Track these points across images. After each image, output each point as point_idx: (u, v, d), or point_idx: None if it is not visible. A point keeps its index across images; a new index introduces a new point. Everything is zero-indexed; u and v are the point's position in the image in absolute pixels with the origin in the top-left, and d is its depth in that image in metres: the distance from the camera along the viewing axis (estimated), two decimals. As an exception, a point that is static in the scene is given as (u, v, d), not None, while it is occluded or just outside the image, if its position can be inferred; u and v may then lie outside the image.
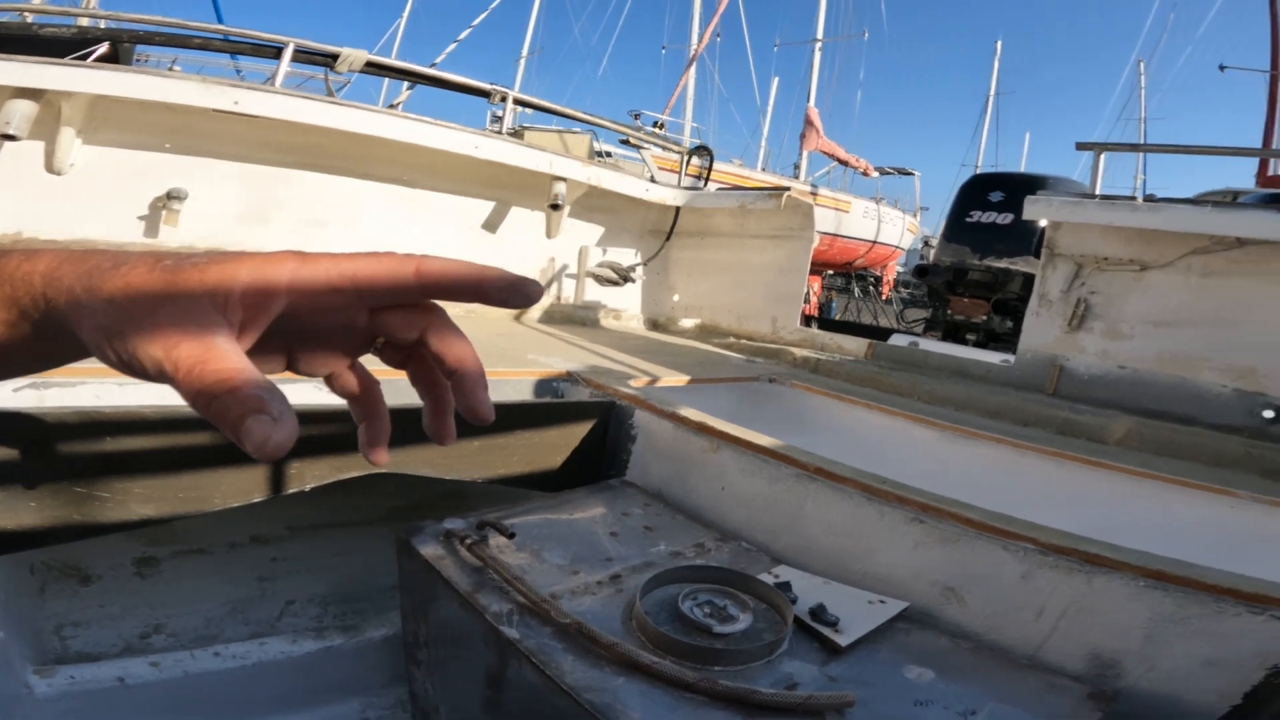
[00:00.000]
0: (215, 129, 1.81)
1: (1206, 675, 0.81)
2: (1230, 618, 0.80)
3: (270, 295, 0.22)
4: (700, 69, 18.70)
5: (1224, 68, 14.82)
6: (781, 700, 0.65)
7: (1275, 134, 11.23)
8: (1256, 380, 1.66)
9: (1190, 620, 0.81)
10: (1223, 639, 0.80)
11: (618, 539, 1.02)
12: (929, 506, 0.94)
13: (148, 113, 1.72)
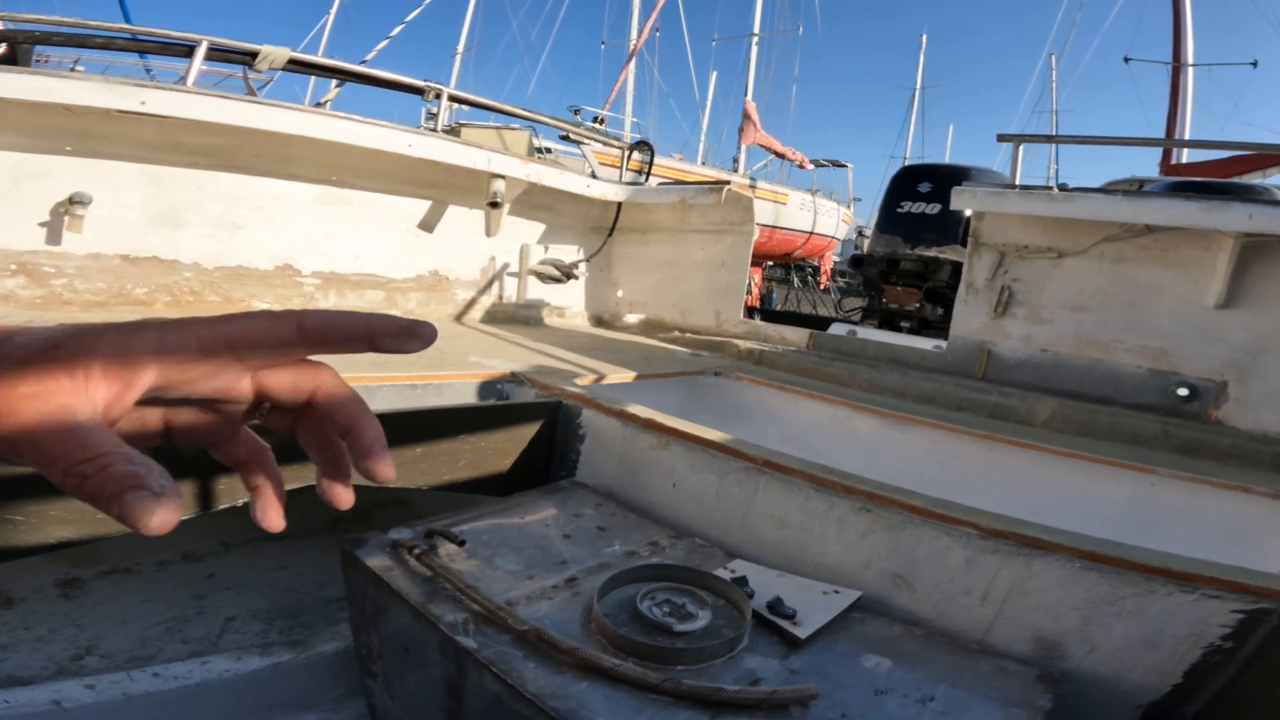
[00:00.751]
0: (121, 131, 1.67)
1: (1146, 655, 0.85)
2: (1162, 597, 0.84)
3: (133, 369, 0.21)
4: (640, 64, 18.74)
5: (1129, 59, 15.86)
6: (746, 697, 0.65)
7: (1178, 123, 12.11)
8: (1169, 360, 1.78)
9: (1124, 600, 0.85)
10: (1157, 619, 0.83)
11: (571, 541, 1.00)
12: (875, 495, 0.97)
13: (45, 115, 1.57)
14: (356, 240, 2.06)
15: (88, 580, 1.14)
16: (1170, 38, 12.87)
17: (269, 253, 1.90)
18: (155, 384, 0.22)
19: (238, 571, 1.27)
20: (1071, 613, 0.87)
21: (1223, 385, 1.65)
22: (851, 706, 0.69)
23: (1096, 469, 1.46)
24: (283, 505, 0.27)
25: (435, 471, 1.17)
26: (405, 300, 2.17)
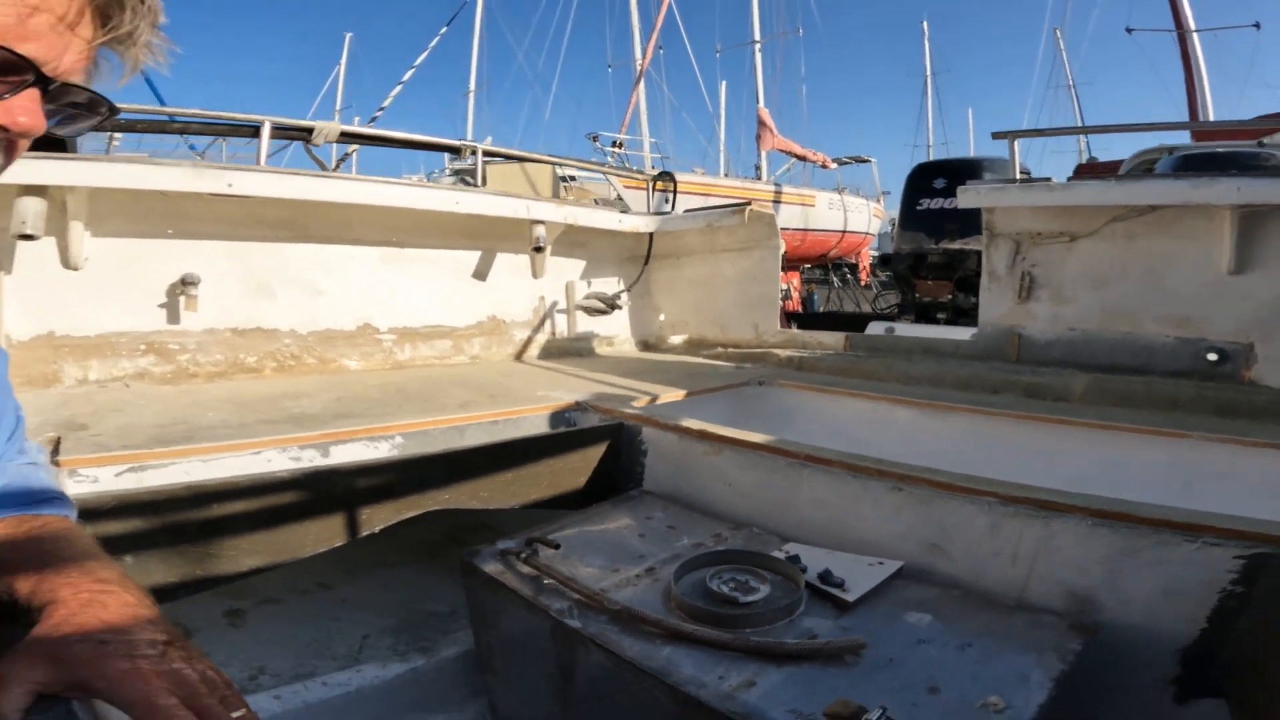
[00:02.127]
0: (211, 212, 1.92)
1: (1171, 604, 0.94)
2: (1173, 548, 0.93)
3: None
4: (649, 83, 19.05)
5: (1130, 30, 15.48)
6: (804, 648, 0.80)
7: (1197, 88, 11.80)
8: (1195, 327, 1.84)
9: (1140, 553, 0.96)
10: (1173, 569, 0.93)
11: (645, 539, 1.17)
12: (904, 475, 1.10)
13: (146, 201, 1.83)
14: (421, 294, 2.29)
15: (247, 610, 1.36)
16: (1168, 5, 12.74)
17: (349, 314, 2.15)
18: None
19: (363, 595, 1.48)
20: (1095, 567, 0.98)
21: (1249, 346, 1.71)
22: (896, 654, 0.83)
23: (1134, 438, 1.54)
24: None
25: (523, 492, 1.36)
26: (470, 346, 2.39)
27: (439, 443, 1.38)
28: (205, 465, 1.08)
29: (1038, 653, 0.85)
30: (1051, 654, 0.83)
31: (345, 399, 1.61)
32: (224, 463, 1.11)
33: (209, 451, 1.11)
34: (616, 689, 0.85)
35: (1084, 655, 0.86)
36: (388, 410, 1.48)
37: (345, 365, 2.10)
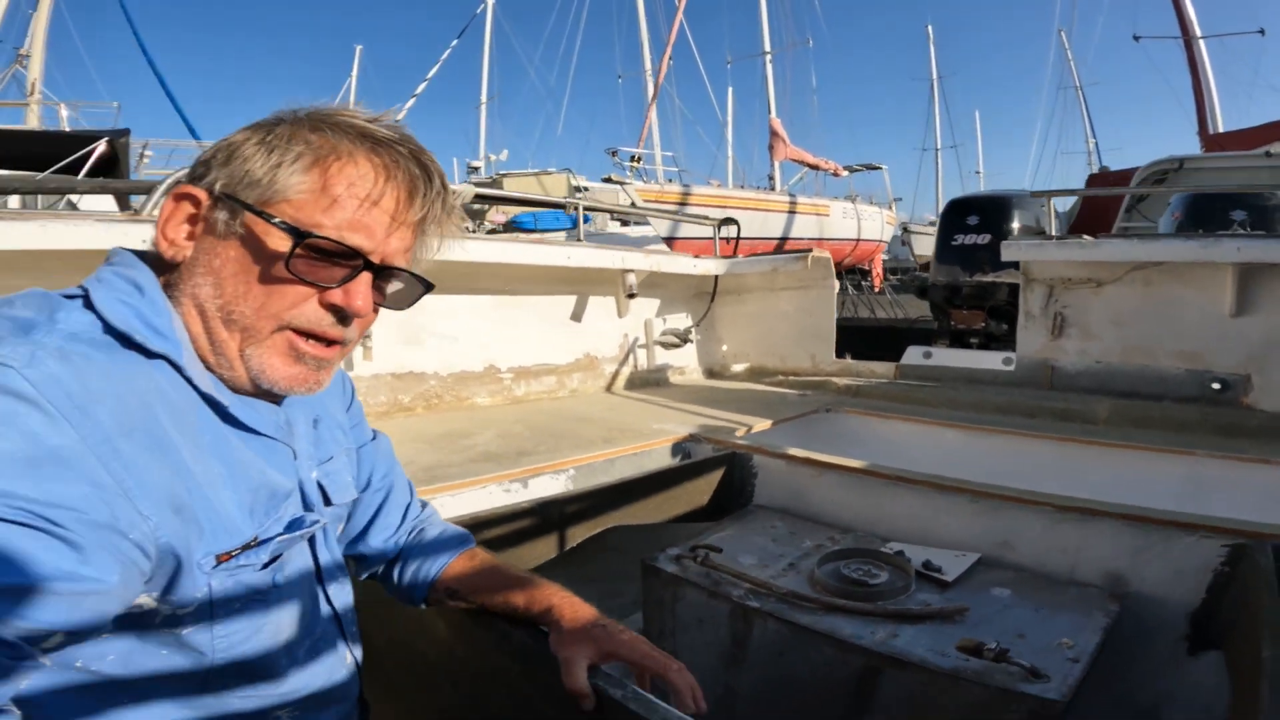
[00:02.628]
0: None
1: (1179, 580, 1.29)
2: (1179, 540, 1.29)
3: None
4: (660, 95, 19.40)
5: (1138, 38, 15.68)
6: (927, 611, 1.16)
7: (1205, 95, 12.00)
8: (1202, 361, 2.19)
9: (1155, 544, 1.31)
10: (1179, 555, 1.28)
11: (777, 543, 1.53)
12: (978, 491, 1.46)
13: None
14: (531, 336, 2.68)
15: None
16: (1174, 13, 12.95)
17: (477, 356, 2.54)
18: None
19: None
20: (1123, 554, 1.33)
21: (1247, 377, 2.06)
22: (989, 615, 1.18)
23: (1150, 455, 1.88)
24: None
25: (666, 510, 1.73)
26: (570, 380, 2.77)
27: (600, 473, 1.76)
28: (454, 500, 1.46)
29: (1088, 614, 1.20)
30: (1098, 614, 1.18)
31: (505, 436, 1.99)
32: (465, 497, 1.49)
33: (454, 489, 1.49)
34: (789, 649, 1.21)
35: (1120, 616, 1.21)
36: (553, 447, 1.85)
37: (476, 402, 2.49)
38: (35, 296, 0.52)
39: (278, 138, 0.57)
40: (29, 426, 0.42)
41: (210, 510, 0.53)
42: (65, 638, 0.44)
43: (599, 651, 0.72)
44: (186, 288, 0.57)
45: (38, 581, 0.41)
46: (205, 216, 0.57)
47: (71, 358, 0.46)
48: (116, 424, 0.46)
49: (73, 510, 0.42)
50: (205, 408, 0.56)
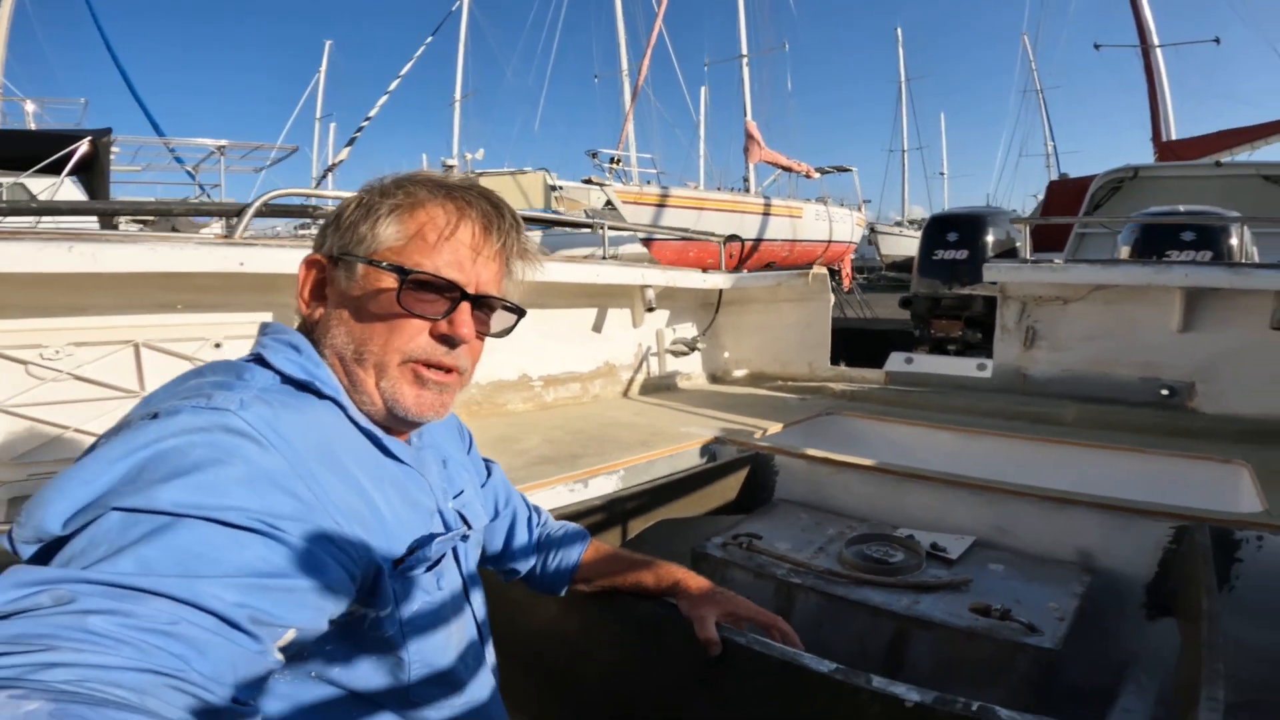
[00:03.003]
0: None
1: (1138, 555, 1.58)
2: (1137, 522, 1.58)
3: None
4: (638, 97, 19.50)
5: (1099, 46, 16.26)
6: (936, 582, 1.43)
7: (1160, 103, 12.57)
8: (1154, 370, 2.52)
9: (1116, 528, 1.60)
10: (1136, 535, 1.57)
11: (804, 531, 1.79)
12: (973, 485, 1.74)
13: None
14: (558, 346, 2.90)
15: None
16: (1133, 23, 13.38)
17: (512, 366, 2.75)
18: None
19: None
20: (1094, 535, 1.61)
21: (1192, 384, 2.39)
22: (989, 586, 1.46)
23: (1111, 453, 2.19)
24: None
25: (702, 505, 1.97)
26: (592, 387, 3.00)
27: (642, 473, 2.00)
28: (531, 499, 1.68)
29: (1067, 584, 1.48)
30: (1075, 584, 1.47)
31: (552, 441, 2.21)
32: (538, 497, 1.72)
33: (529, 490, 1.71)
34: (827, 618, 1.47)
35: (1092, 586, 1.49)
36: (599, 450, 2.08)
37: (510, 408, 2.71)
38: (222, 365, 0.63)
39: (371, 200, 0.68)
40: (249, 455, 0.50)
41: (383, 523, 0.61)
42: (296, 636, 0.49)
43: (722, 611, 0.96)
44: (326, 341, 0.67)
45: (269, 577, 0.47)
46: (329, 277, 0.68)
47: (269, 403, 0.56)
48: (312, 452, 0.56)
49: (291, 519, 0.50)
50: (364, 440, 0.66)
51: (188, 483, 0.46)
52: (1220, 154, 8.42)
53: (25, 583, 0.39)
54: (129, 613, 0.39)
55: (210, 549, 0.44)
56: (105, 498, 0.45)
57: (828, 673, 0.85)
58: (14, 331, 1.54)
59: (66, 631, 0.37)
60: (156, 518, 0.44)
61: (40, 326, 1.57)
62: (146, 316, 1.71)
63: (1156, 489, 1.87)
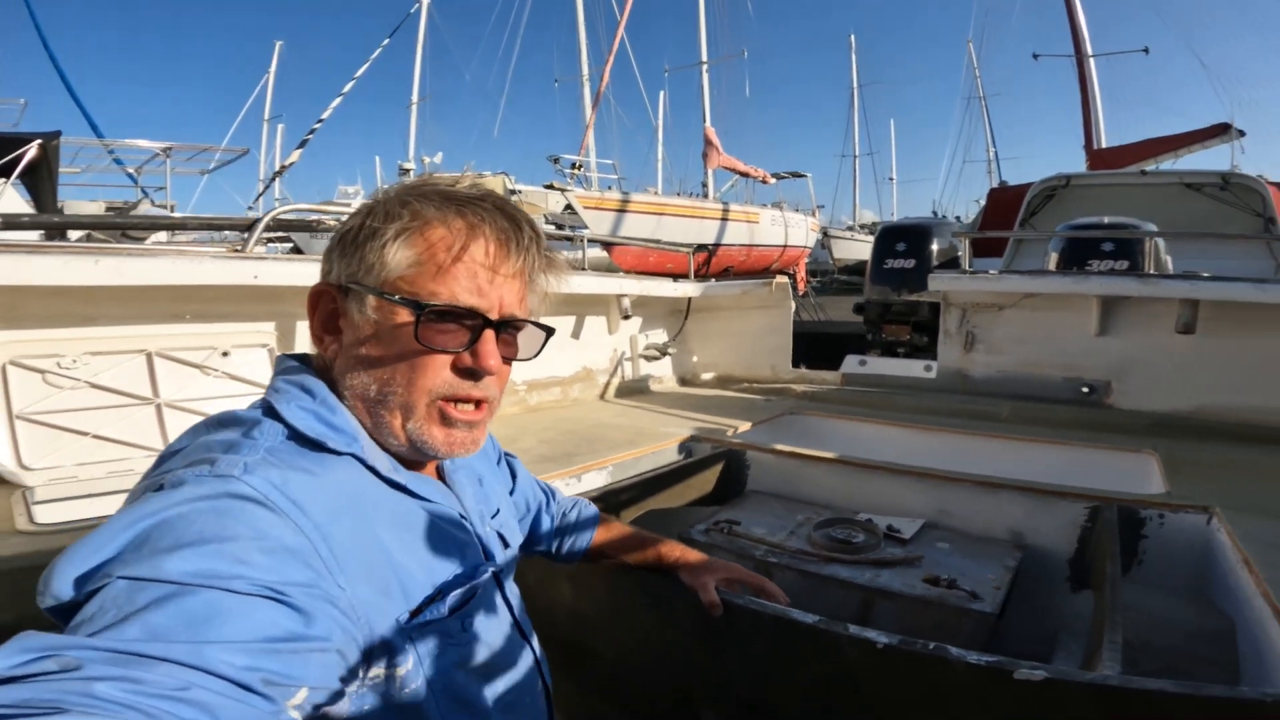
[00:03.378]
0: None
1: (1060, 533, 1.84)
2: (1058, 504, 1.83)
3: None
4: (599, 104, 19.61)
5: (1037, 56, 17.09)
6: (897, 558, 1.65)
7: (1092, 111, 13.34)
8: (1075, 370, 2.83)
9: (1042, 509, 1.84)
10: (1056, 514, 1.83)
11: (776, 517, 1.99)
12: (923, 473, 1.98)
13: None
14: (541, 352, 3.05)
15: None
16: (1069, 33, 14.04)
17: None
18: None
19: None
20: (1022, 516, 1.87)
21: (1109, 383, 2.71)
22: (938, 561, 1.68)
23: (1039, 445, 2.48)
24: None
25: (685, 496, 2.16)
26: (571, 390, 3.16)
27: (629, 469, 2.17)
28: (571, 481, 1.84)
29: (1002, 560, 1.72)
30: (1009, 559, 1.71)
31: (547, 442, 2.36)
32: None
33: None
34: (802, 592, 1.67)
35: (1023, 561, 1.74)
36: (590, 449, 2.25)
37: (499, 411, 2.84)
38: (230, 418, 0.60)
39: (375, 219, 0.63)
40: (254, 520, 0.50)
41: (404, 575, 0.61)
42: (308, 696, 0.48)
43: (720, 576, 1.14)
44: (345, 382, 0.65)
45: (277, 640, 0.46)
46: (341, 308, 0.65)
47: (277, 464, 0.55)
48: (323, 515, 0.54)
49: (297, 585, 0.49)
50: (386, 489, 0.64)
51: (192, 551, 0.45)
52: (1146, 161, 9.05)
53: (31, 648, 0.39)
54: (137, 679, 0.39)
55: (216, 615, 0.44)
56: (111, 565, 0.45)
57: (813, 623, 1.05)
58: (32, 341, 1.61)
59: (73, 697, 0.36)
60: (162, 586, 0.43)
61: (57, 337, 1.64)
62: (157, 326, 1.79)
63: (1077, 475, 2.14)
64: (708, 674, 1.22)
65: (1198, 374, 2.53)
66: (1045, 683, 0.89)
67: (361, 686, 0.56)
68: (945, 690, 0.96)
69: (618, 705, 1.41)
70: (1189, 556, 1.65)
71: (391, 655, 0.58)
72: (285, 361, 0.67)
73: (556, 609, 1.35)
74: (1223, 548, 1.51)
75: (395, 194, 0.65)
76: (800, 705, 1.11)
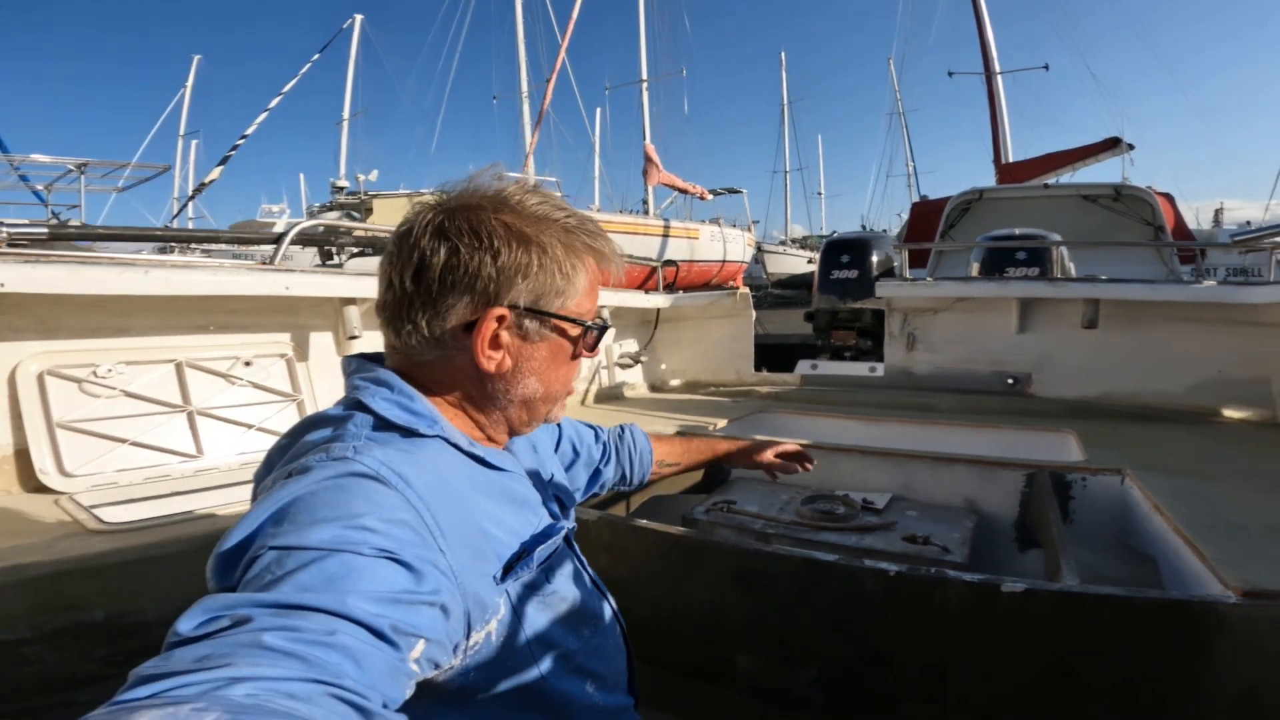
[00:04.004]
0: None
1: (1005, 499, 2.15)
2: (1000, 474, 2.15)
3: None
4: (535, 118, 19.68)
5: (952, 74, 18.20)
6: (874, 525, 1.92)
7: (999, 127, 14.25)
8: (1001, 365, 3.23)
9: (988, 478, 2.17)
10: (1001, 484, 2.15)
11: (763, 497, 2.23)
12: (888, 453, 2.27)
13: None
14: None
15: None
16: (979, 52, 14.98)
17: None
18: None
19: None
20: (973, 485, 2.18)
21: (1029, 375, 3.12)
22: (909, 526, 1.96)
23: (975, 430, 2.83)
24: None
25: (680, 484, 2.37)
26: (553, 395, 3.32)
27: (628, 459, 2.36)
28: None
29: (960, 524, 2.01)
30: (966, 523, 2.00)
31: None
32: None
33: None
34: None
35: (978, 524, 2.04)
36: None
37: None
38: (320, 419, 0.67)
39: (555, 254, 0.70)
40: (372, 494, 0.56)
41: (493, 540, 0.68)
42: (425, 649, 0.53)
43: (773, 452, 1.44)
44: (508, 391, 0.73)
45: (400, 593, 0.52)
46: (514, 327, 0.70)
47: (380, 445, 0.62)
48: (424, 488, 0.60)
49: (411, 546, 0.55)
50: (471, 463, 0.71)
51: (325, 522, 0.52)
52: (1049, 175, 9.88)
53: (210, 609, 0.45)
54: (295, 627, 0.44)
55: (350, 573, 0.50)
56: (260, 538, 0.52)
57: (835, 560, 1.28)
58: (68, 352, 1.66)
59: (244, 650, 0.42)
60: (305, 553, 0.50)
61: (92, 347, 1.69)
62: (184, 337, 1.86)
63: (1012, 452, 2.49)
64: (739, 621, 1.43)
65: (1103, 364, 2.97)
66: (1026, 593, 1.14)
67: (466, 643, 0.61)
68: (946, 606, 1.20)
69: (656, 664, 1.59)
70: (1110, 512, 1.98)
71: (489, 612, 0.64)
72: (355, 362, 0.73)
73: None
74: (1137, 500, 1.85)
75: (561, 227, 0.72)
76: (825, 637, 1.33)
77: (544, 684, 0.69)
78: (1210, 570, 1.22)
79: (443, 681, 0.61)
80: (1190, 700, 1.07)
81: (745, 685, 1.42)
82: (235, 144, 16.04)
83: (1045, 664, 1.16)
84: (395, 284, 0.68)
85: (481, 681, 0.64)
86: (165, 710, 0.35)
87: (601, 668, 0.78)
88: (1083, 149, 9.86)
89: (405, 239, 0.69)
